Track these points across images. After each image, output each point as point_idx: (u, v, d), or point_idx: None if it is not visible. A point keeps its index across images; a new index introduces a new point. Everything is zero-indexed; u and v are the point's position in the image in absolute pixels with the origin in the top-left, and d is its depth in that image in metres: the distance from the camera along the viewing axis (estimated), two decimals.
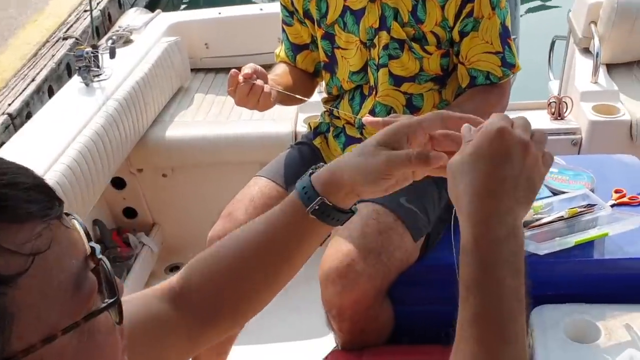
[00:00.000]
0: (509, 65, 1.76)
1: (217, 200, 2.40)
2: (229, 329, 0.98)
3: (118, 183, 2.85)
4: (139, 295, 0.94)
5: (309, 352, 2.31)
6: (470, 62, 1.75)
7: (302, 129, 2.68)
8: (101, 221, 2.79)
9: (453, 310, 1.78)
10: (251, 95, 1.63)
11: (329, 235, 0.97)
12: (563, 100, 2.71)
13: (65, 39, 2.82)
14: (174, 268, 2.94)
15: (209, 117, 2.89)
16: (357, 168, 0.89)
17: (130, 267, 2.71)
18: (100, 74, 2.56)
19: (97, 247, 0.61)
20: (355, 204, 0.95)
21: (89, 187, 2.24)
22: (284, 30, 1.96)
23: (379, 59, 1.78)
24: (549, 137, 2.61)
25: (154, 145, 2.74)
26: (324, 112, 2.00)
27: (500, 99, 1.78)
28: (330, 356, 1.73)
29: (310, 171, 0.93)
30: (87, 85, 2.52)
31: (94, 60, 2.48)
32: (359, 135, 1.86)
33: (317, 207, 0.89)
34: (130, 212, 2.95)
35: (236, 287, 0.93)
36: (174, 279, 0.95)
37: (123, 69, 2.67)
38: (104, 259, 0.60)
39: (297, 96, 1.78)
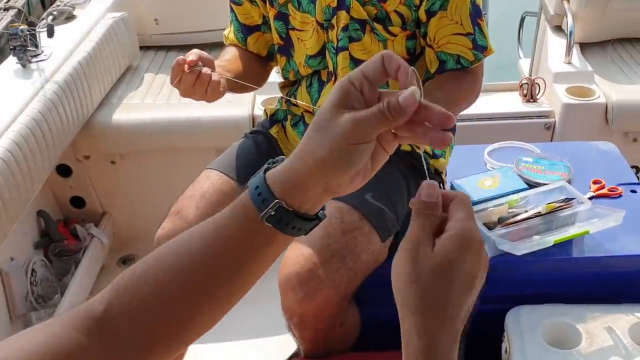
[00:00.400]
0: (481, 48, 1.61)
1: (170, 188, 2.24)
2: (165, 357, 0.79)
3: (64, 171, 2.68)
4: (43, 326, 0.74)
5: (271, 351, 2.18)
6: (439, 44, 1.59)
7: (260, 112, 2.54)
8: (46, 212, 2.60)
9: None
10: (198, 85, 1.46)
11: None
12: (535, 81, 2.59)
13: (6, 9, 2.60)
14: (126, 260, 2.79)
15: (159, 99, 2.71)
16: (322, 152, 0.70)
17: (79, 261, 2.55)
18: (39, 54, 2.36)
19: None
20: (323, 209, 0.76)
21: (28, 177, 2.06)
22: (232, 10, 1.79)
23: (337, 41, 1.62)
24: (522, 121, 2.55)
25: (100, 130, 2.56)
26: (281, 98, 1.84)
27: (473, 87, 1.63)
28: None
29: (266, 166, 0.75)
30: (23, 66, 2.32)
31: (30, 39, 2.28)
32: None
33: (272, 213, 0.71)
34: (78, 202, 2.77)
35: (174, 312, 0.75)
36: (93, 302, 0.75)
37: (64, 48, 2.46)
38: None
39: (249, 85, 1.61)
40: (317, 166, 0.70)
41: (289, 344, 1.96)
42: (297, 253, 1.47)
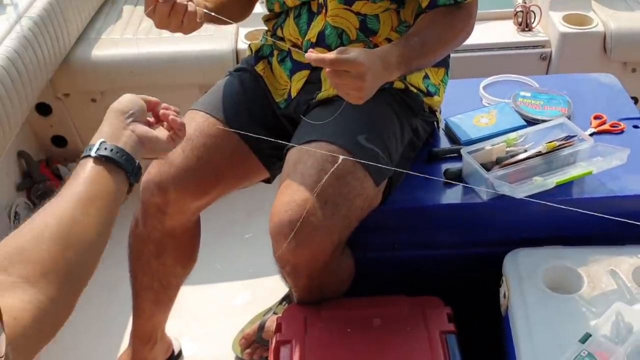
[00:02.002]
0: None
1: None
2: None
3: (43, 109, 2.58)
4: None
5: (263, 293, 2.15)
6: None
7: (244, 46, 2.45)
8: (27, 152, 2.53)
9: (418, 255, 1.62)
10: (173, 16, 1.38)
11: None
12: (530, 9, 2.49)
13: None
14: None
15: (139, 32, 2.58)
16: None
17: None
18: None
19: None
20: None
21: (5, 117, 1.97)
22: None
23: None
24: (517, 52, 2.46)
25: (79, 67, 2.45)
26: (266, 32, 1.74)
27: (466, 24, 1.53)
28: (287, 313, 1.56)
29: None
30: None
31: None
32: (307, 60, 1.62)
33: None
34: (59, 141, 2.69)
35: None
36: None
37: None
38: None
39: (226, 20, 1.52)
40: None
41: (280, 285, 1.94)
42: (288, 199, 1.41)
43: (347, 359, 1.42)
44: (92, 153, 0.97)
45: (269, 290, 2.12)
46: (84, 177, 0.95)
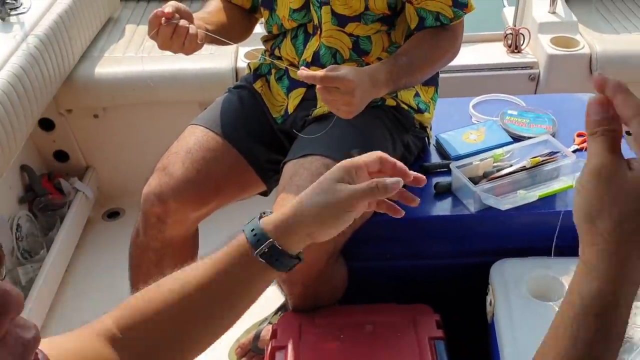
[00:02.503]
0: (461, 5, 1.59)
1: (154, 142, 2.24)
2: None
3: (46, 125, 2.65)
4: (75, 333, 0.88)
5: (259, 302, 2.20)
6: (419, 1, 1.57)
7: (243, 64, 2.52)
8: (30, 167, 2.59)
9: (409, 265, 1.69)
10: (175, 38, 1.46)
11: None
12: (520, 32, 2.58)
13: None
14: (112, 214, 2.80)
15: (141, 51, 2.66)
16: (318, 210, 0.89)
17: (64, 215, 2.54)
18: (18, 7, 2.31)
19: None
20: (302, 252, 0.92)
21: (11, 132, 2.04)
22: None
23: None
24: (507, 72, 2.54)
25: (82, 84, 2.52)
26: (265, 51, 1.82)
27: (452, 45, 1.62)
28: (282, 320, 1.62)
29: (260, 215, 0.92)
30: (2, 20, 2.27)
31: None
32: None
33: (266, 250, 0.87)
34: (61, 156, 2.75)
35: (176, 334, 0.89)
36: (107, 318, 0.89)
37: (43, 0, 2.41)
38: None
39: (226, 41, 1.60)
40: (311, 218, 0.89)
41: (276, 295, 2.00)
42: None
43: None
44: (255, 252, 0.87)
45: (264, 300, 2.16)
46: (233, 272, 0.89)
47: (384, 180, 0.90)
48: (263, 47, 1.84)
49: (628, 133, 0.63)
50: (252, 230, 0.89)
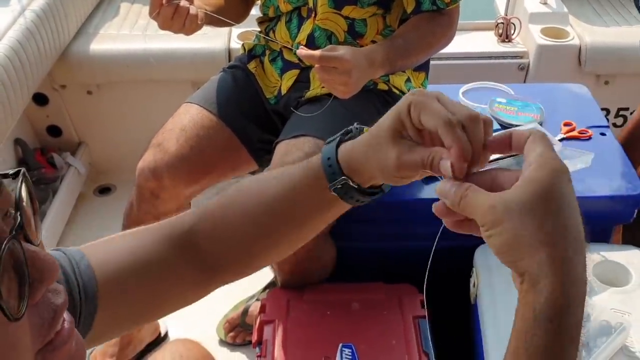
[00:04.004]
0: None
1: (146, 119, 2.27)
2: (234, 278, 0.92)
3: (40, 99, 2.66)
4: (135, 231, 0.87)
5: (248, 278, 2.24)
6: None
7: (236, 45, 2.54)
8: (23, 140, 2.61)
9: (396, 246, 1.73)
10: (176, 18, 1.49)
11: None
12: (511, 21, 2.61)
13: None
14: (103, 189, 2.82)
15: (135, 29, 2.68)
16: (370, 159, 0.77)
17: (57, 189, 2.57)
18: None
19: (19, 218, 0.50)
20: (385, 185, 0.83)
21: (7, 105, 2.06)
22: None
23: None
24: (497, 61, 2.58)
25: (76, 60, 2.54)
26: (259, 32, 1.84)
27: (448, 30, 1.65)
28: (271, 295, 1.66)
29: (339, 137, 0.82)
30: None
31: None
32: (297, 60, 1.73)
33: (339, 186, 0.79)
34: (54, 130, 2.77)
35: (248, 243, 0.87)
36: (184, 218, 0.87)
37: None
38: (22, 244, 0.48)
39: (227, 20, 1.62)
40: (369, 169, 0.78)
41: (265, 272, 2.03)
42: None
43: (327, 338, 1.52)
44: (331, 187, 0.80)
45: (253, 276, 2.20)
46: (307, 193, 0.83)
47: (443, 161, 0.71)
48: (256, 28, 1.87)
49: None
50: (328, 159, 0.80)
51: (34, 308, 0.50)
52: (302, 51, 1.41)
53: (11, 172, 0.53)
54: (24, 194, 0.52)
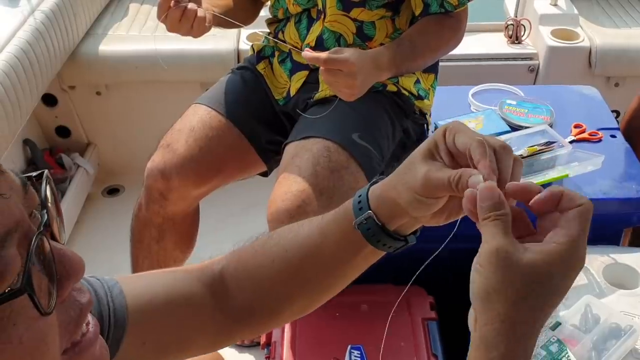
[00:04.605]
0: None
1: (155, 120, 2.26)
2: (260, 331, 0.93)
3: (49, 100, 2.67)
4: (170, 269, 0.89)
5: None
6: None
7: (245, 46, 2.54)
8: (32, 141, 2.61)
9: (405, 248, 1.72)
10: (183, 21, 1.49)
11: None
12: (521, 22, 2.60)
13: None
14: (112, 190, 2.82)
15: (144, 30, 2.69)
16: (399, 182, 0.74)
17: (65, 190, 2.57)
18: None
19: (45, 217, 0.51)
20: (414, 233, 0.81)
21: (17, 105, 2.07)
22: None
23: None
24: (506, 63, 2.57)
25: (85, 61, 2.54)
26: (268, 33, 1.84)
27: (455, 33, 1.65)
28: None
29: (376, 178, 0.80)
30: None
31: None
32: (306, 62, 1.72)
33: (364, 222, 0.77)
34: (63, 131, 2.78)
35: (277, 287, 0.85)
36: (214, 262, 0.87)
37: None
38: (47, 240, 0.50)
39: (235, 22, 1.63)
40: (401, 200, 0.74)
41: None
42: (285, 190, 1.51)
43: (336, 339, 1.51)
44: (355, 222, 0.78)
45: None
46: (334, 237, 0.81)
47: (472, 176, 0.68)
48: (265, 29, 1.87)
49: None
50: (360, 195, 0.78)
51: (61, 305, 0.51)
52: (308, 53, 1.41)
53: (34, 174, 0.54)
54: (48, 194, 0.53)
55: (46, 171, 0.55)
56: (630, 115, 1.93)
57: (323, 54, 1.40)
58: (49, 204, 0.53)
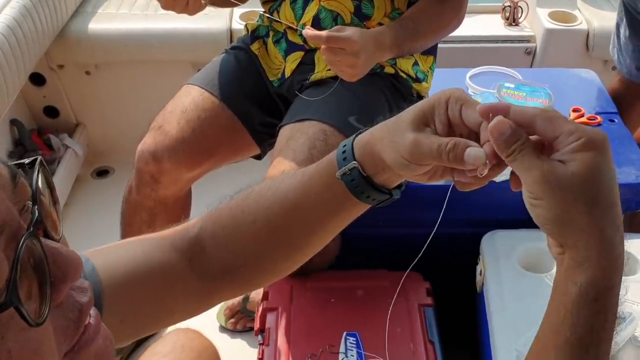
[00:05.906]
0: None
1: (145, 101, 2.23)
2: (242, 291, 0.89)
3: (37, 79, 2.62)
4: (143, 237, 0.83)
5: None
6: None
7: (238, 26, 2.49)
8: (20, 121, 2.56)
9: (401, 233, 1.70)
10: None
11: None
12: (518, 4, 2.57)
13: None
14: (101, 172, 2.78)
15: (135, 9, 2.63)
16: (385, 138, 0.71)
17: (54, 171, 2.53)
18: None
19: (36, 213, 0.46)
20: (399, 187, 0.78)
21: (4, 85, 2.02)
22: None
23: None
24: (503, 45, 2.54)
25: (74, 40, 2.49)
26: (262, 13, 1.80)
27: (457, 13, 1.61)
28: (273, 282, 1.62)
29: (362, 129, 0.77)
30: None
31: None
32: (301, 42, 1.68)
33: (348, 172, 0.73)
34: (51, 111, 2.72)
35: (257, 246, 0.81)
36: (189, 225, 0.83)
37: None
38: (41, 241, 0.45)
39: (232, 0, 1.58)
40: (386, 157, 0.72)
41: None
42: (279, 173, 1.47)
43: (331, 326, 1.49)
44: (339, 173, 0.75)
45: None
46: (316, 189, 0.78)
47: (464, 146, 0.66)
48: (259, 8, 1.82)
49: None
50: (344, 145, 0.75)
51: (58, 309, 0.46)
52: (309, 31, 1.37)
53: (27, 161, 0.49)
54: (41, 184, 0.48)
55: (39, 157, 0.50)
56: (611, 96, 1.92)
57: (325, 32, 1.36)
58: (43, 196, 0.48)
